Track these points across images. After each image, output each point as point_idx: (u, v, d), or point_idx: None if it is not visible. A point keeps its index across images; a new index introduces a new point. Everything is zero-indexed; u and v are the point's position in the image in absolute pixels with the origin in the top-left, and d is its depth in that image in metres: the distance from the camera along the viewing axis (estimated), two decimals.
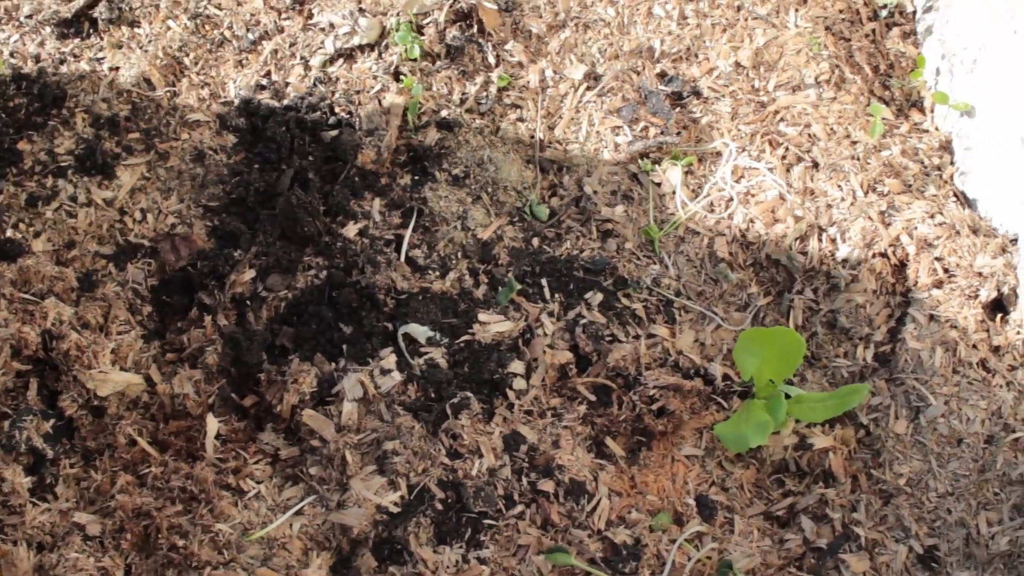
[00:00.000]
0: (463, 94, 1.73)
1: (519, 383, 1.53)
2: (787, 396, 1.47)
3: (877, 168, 1.68)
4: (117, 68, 1.74)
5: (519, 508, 1.42)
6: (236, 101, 1.72)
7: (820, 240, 1.66)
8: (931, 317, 1.57)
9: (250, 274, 1.59)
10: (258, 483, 1.43)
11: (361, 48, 1.75)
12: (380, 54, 1.74)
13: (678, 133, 1.71)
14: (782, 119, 1.74)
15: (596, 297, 1.62)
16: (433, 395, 1.51)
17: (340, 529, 1.38)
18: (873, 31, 1.84)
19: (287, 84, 1.73)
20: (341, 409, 1.48)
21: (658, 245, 1.66)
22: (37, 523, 1.37)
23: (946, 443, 1.48)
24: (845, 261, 1.64)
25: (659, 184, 1.70)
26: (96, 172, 1.66)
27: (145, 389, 1.51)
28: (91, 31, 1.78)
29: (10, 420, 1.44)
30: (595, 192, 1.70)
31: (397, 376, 1.51)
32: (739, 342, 1.46)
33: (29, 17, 1.74)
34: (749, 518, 1.49)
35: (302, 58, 1.75)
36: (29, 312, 1.49)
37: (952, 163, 1.73)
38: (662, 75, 1.77)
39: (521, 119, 1.73)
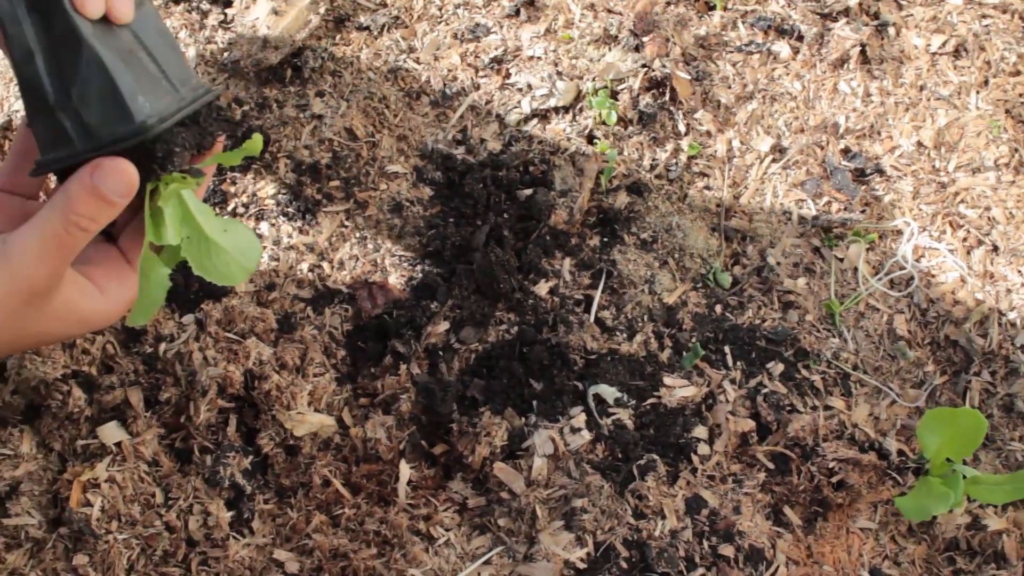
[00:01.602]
0: (653, 160, 1.78)
1: (703, 448, 1.58)
2: (963, 476, 1.50)
3: None
4: (320, 116, 1.81)
5: (700, 571, 1.48)
6: (434, 155, 1.78)
7: (999, 324, 1.70)
8: None
9: (444, 326, 1.65)
10: (447, 530, 1.50)
11: (556, 110, 1.81)
12: (574, 117, 1.81)
13: (862, 210, 1.76)
14: (962, 201, 1.79)
15: (777, 367, 1.67)
16: (620, 455, 1.57)
17: None
18: None
19: (483, 140, 1.80)
20: (531, 464, 1.54)
21: (839, 319, 1.71)
22: (238, 557, 1.45)
23: None
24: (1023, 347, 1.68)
25: (841, 259, 1.75)
26: (298, 217, 1.73)
27: (337, 431, 1.57)
28: (294, 78, 1.84)
29: (214, 456, 1.51)
30: (778, 263, 1.75)
31: (586, 435, 1.57)
32: (923, 420, 1.51)
33: (236, 62, 1.80)
34: None
35: (498, 116, 1.82)
36: (233, 351, 1.56)
37: None
38: (846, 151, 1.82)
39: (708, 187, 1.79)
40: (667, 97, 1.84)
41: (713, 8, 1.97)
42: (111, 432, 1.50)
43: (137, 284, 1.09)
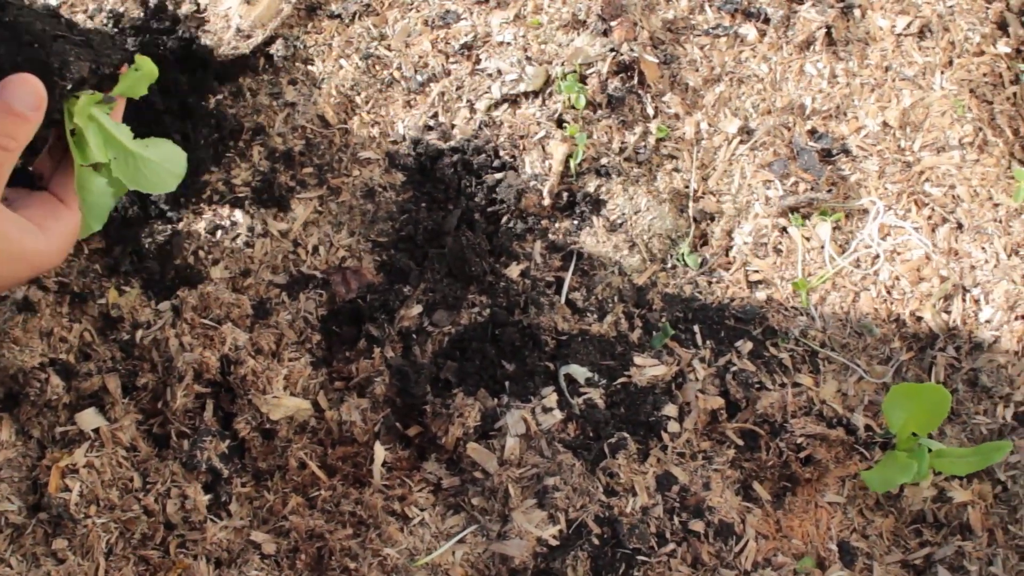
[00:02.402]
0: (622, 143, 1.81)
1: (673, 426, 1.61)
2: (928, 449, 1.53)
3: (1020, 231, 1.75)
4: (292, 104, 1.83)
5: (671, 546, 1.50)
6: (405, 141, 1.80)
7: (964, 300, 1.73)
8: None
9: (417, 309, 1.67)
10: (422, 510, 1.52)
11: (526, 95, 1.83)
12: (544, 101, 1.83)
13: (828, 190, 1.78)
14: (927, 179, 1.82)
15: (746, 345, 1.70)
16: (592, 434, 1.60)
17: (501, 559, 1.48)
18: (1015, 95, 1.91)
19: (453, 126, 1.82)
20: (504, 444, 1.57)
21: (806, 297, 1.73)
22: (216, 539, 1.47)
23: None
24: (988, 322, 1.71)
25: (808, 239, 1.78)
26: (272, 204, 1.75)
27: (313, 414, 1.60)
28: (267, 67, 1.86)
29: (191, 440, 1.53)
30: (746, 243, 1.78)
31: (558, 414, 1.59)
32: (889, 396, 1.54)
33: (210, 51, 1.82)
34: (887, 565, 1.57)
35: (468, 101, 1.84)
36: (209, 337, 1.59)
37: None
38: (812, 132, 1.85)
39: (676, 169, 1.82)
40: (635, 81, 1.86)
41: None
42: (89, 418, 1.52)
43: (75, 221, 1.13)
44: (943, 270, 1.76)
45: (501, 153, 1.82)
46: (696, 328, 1.73)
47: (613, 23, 1.87)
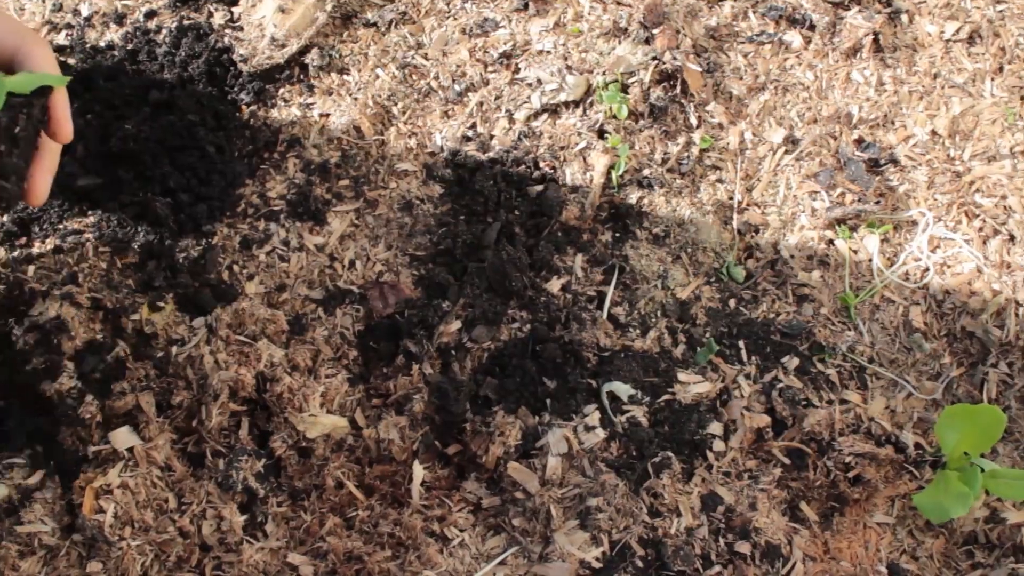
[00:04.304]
0: (665, 154, 1.78)
1: (718, 444, 1.58)
2: (981, 469, 1.49)
3: None
4: (327, 115, 1.81)
5: (716, 568, 1.48)
6: (443, 152, 1.78)
7: (1017, 315, 1.69)
8: None
9: (456, 324, 1.65)
10: (461, 531, 1.50)
11: (566, 104, 1.80)
12: (584, 111, 1.80)
13: (876, 201, 1.75)
14: (978, 190, 1.78)
15: (792, 361, 1.67)
16: (635, 453, 1.57)
17: None
18: None
19: (492, 137, 1.80)
20: (545, 463, 1.54)
21: (854, 312, 1.70)
22: (252, 561, 1.46)
23: None
24: None
25: (855, 251, 1.74)
26: (308, 217, 1.73)
27: (350, 432, 1.58)
28: (302, 76, 1.84)
29: (227, 459, 1.51)
30: (792, 256, 1.75)
31: (601, 433, 1.57)
32: (942, 417, 1.51)
33: (244, 61, 1.80)
34: None
35: (507, 111, 1.81)
36: (244, 354, 1.57)
37: None
38: (859, 141, 1.82)
39: (720, 180, 1.78)
40: (678, 90, 1.83)
41: None
42: (123, 437, 1.51)
43: None
44: (995, 283, 1.72)
45: (541, 164, 1.80)
46: (741, 343, 1.70)
47: (655, 31, 1.84)
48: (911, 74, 1.88)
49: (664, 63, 1.81)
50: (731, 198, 1.80)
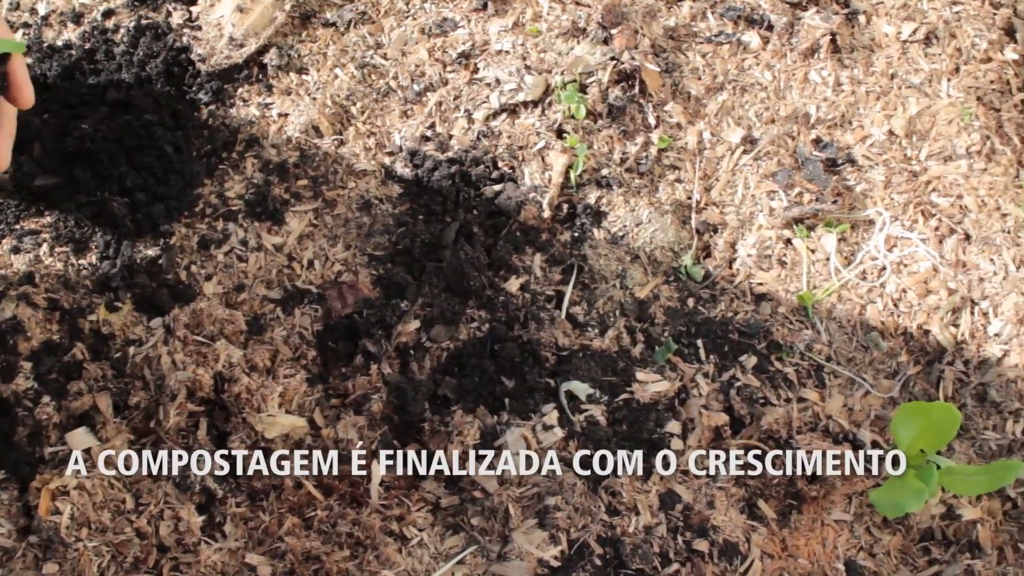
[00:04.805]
0: (623, 154, 1.78)
1: (676, 443, 1.59)
2: (937, 466, 1.51)
3: None
4: (286, 114, 1.80)
5: (675, 566, 1.49)
6: (402, 152, 1.78)
7: (972, 313, 1.71)
8: None
9: (415, 324, 1.65)
10: (420, 531, 1.51)
11: (525, 104, 1.81)
12: (543, 111, 1.80)
13: (833, 201, 1.76)
14: (934, 189, 1.79)
15: (750, 360, 1.68)
16: (593, 452, 1.56)
17: None
18: (1022, 102, 1.88)
19: (451, 136, 1.80)
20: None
21: (811, 311, 1.71)
22: (210, 562, 1.46)
23: None
24: (997, 336, 1.69)
25: (813, 250, 1.76)
26: (266, 217, 1.73)
27: (309, 432, 1.57)
28: (260, 76, 1.83)
29: (184, 460, 1.50)
30: (750, 255, 1.76)
31: (559, 432, 1.57)
32: (897, 414, 1.52)
33: (202, 60, 1.79)
34: None
35: (466, 111, 1.82)
36: (202, 354, 1.57)
37: None
38: (817, 141, 1.83)
39: (679, 180, 1.79)
40: (636, 90, 1.84)
41: None
42: (80, 438, 1.50)
43: None
44: (951, 282, 1.73)
45: (500, 164, 1.80)
46: (699, 342, 1.71)
47: (614, 31, 1.85)
48: (868, 74, 1.89)
49: (622, 63, 1.82)
50: (689, 198, 1.81)
